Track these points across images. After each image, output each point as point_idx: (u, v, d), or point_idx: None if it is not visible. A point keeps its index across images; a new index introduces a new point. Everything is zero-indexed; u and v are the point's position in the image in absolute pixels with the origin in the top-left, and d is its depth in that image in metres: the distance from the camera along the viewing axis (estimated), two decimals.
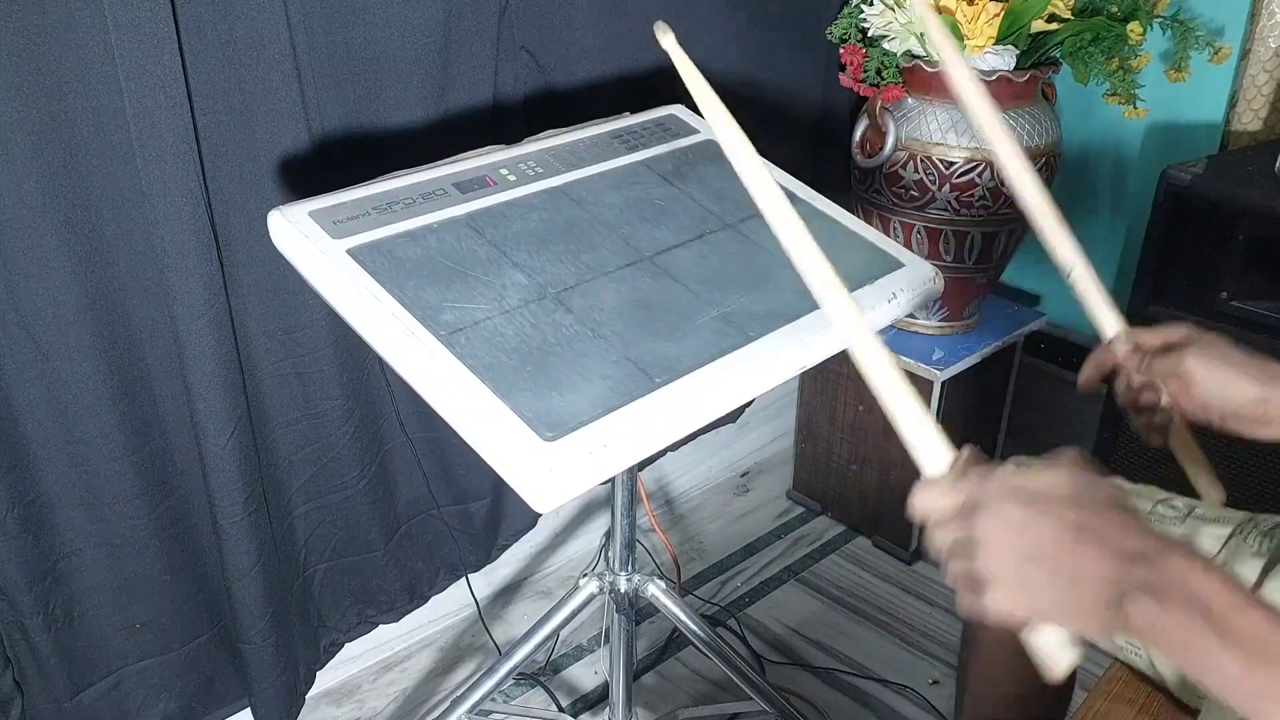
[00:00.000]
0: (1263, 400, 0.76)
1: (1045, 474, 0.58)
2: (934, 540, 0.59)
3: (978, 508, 0.57)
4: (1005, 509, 0.57)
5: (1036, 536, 0.55)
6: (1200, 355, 0.79)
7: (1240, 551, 0.90)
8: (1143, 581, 0.53)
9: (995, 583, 0.56)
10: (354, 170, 1.08)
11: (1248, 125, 1.65)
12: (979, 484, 0.58)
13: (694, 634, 1.31)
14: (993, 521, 0.56)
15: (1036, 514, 0.56)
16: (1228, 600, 0.52)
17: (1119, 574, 0.54)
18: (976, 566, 0.56)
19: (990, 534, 0.56)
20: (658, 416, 0.84)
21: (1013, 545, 0.56)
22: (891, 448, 1.79)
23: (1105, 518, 0.56)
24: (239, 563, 1.20)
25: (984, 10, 1.47)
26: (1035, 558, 0.55)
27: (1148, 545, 0.54)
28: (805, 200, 1.16)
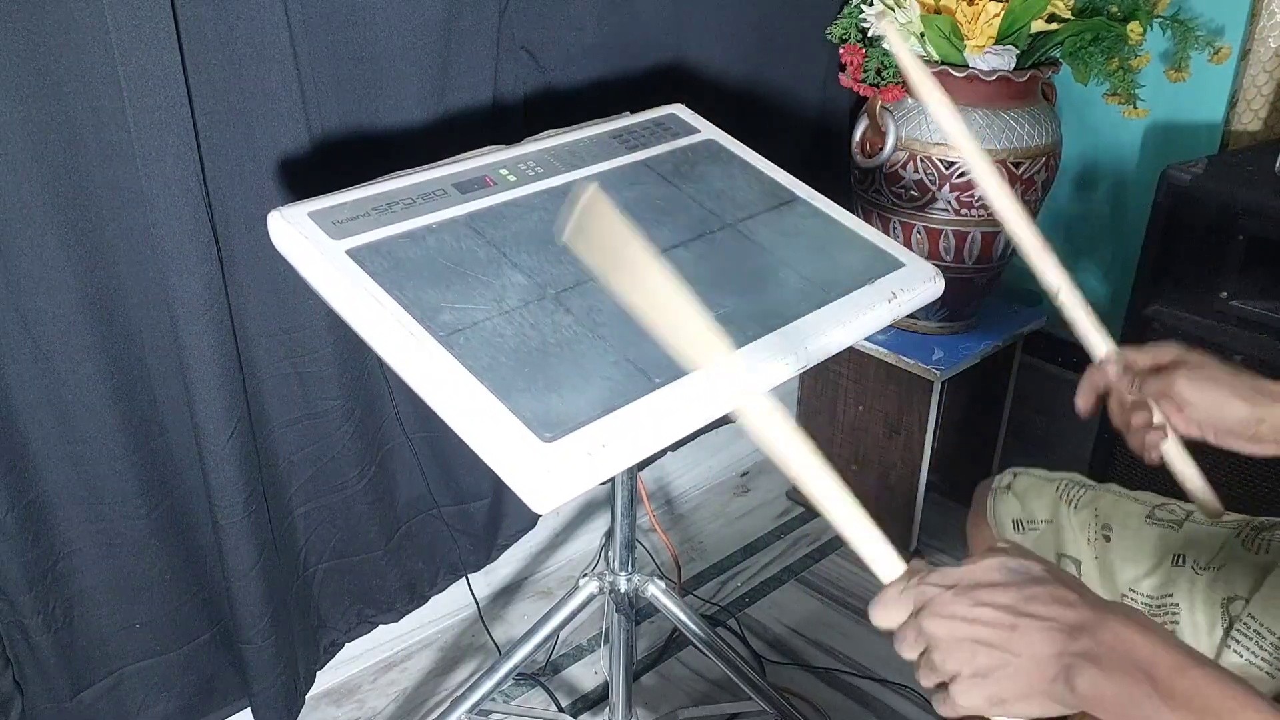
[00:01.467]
0: (1254, 420, 0.78)
1: (978, 565, 0.60)
2: (900, 651, 0.61)
3: (923, 610, 0.59)
4: (946, 606, 0.58)
5: (978, 625, 0.57)
6: (1190, 377, 0.80)
7: (1238, 555, 0.90)
8: (1085, 651, 0.54)
9: (955, 680, 0.57)
10: (354, 170, 1.08)
11: (1248, 125, 1.65)
12: (920, 588, 0.60)
13: (694, 634, 1.31)
14: (937, 620, 0.58)
15: (974, 604, 0.57)
16: (1169, 661, 0.53)
17: (1061, 647, 0.55)
18: (935, 667, 0.58)
19: (937, 632, 0.58)
20: (657, 417, 0.84)
21: (958, 638, 0.57)
22: (891, 448, 1.79)
23: (1039, 593, 0.57)
24: (239, 563, 1.20)
25: (984, 10, 1.47)
26: (981, 646, 0.56)
27: (1085, 615, 0.56)
28: (806, 200, 1.16)
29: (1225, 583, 0.89)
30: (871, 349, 1.71)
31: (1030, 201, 1.60)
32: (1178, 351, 0.82)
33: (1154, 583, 0.93)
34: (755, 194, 1.15)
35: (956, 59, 1.50)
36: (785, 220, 1.12)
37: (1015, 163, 1.53)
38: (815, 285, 1.02)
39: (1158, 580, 0.93)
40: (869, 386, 1.79)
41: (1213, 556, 0.90)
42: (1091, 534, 0.98)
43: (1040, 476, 1.05)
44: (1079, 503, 1.00)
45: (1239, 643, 0.85)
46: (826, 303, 1.00)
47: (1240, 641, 0.85)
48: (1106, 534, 0.97)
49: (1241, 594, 0.87)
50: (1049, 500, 1.02)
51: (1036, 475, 1.05)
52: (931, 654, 0.58)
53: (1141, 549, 0.95)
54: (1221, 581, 0.89)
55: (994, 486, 1.07)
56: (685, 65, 1.54)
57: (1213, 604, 0.88)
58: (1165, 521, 0.95)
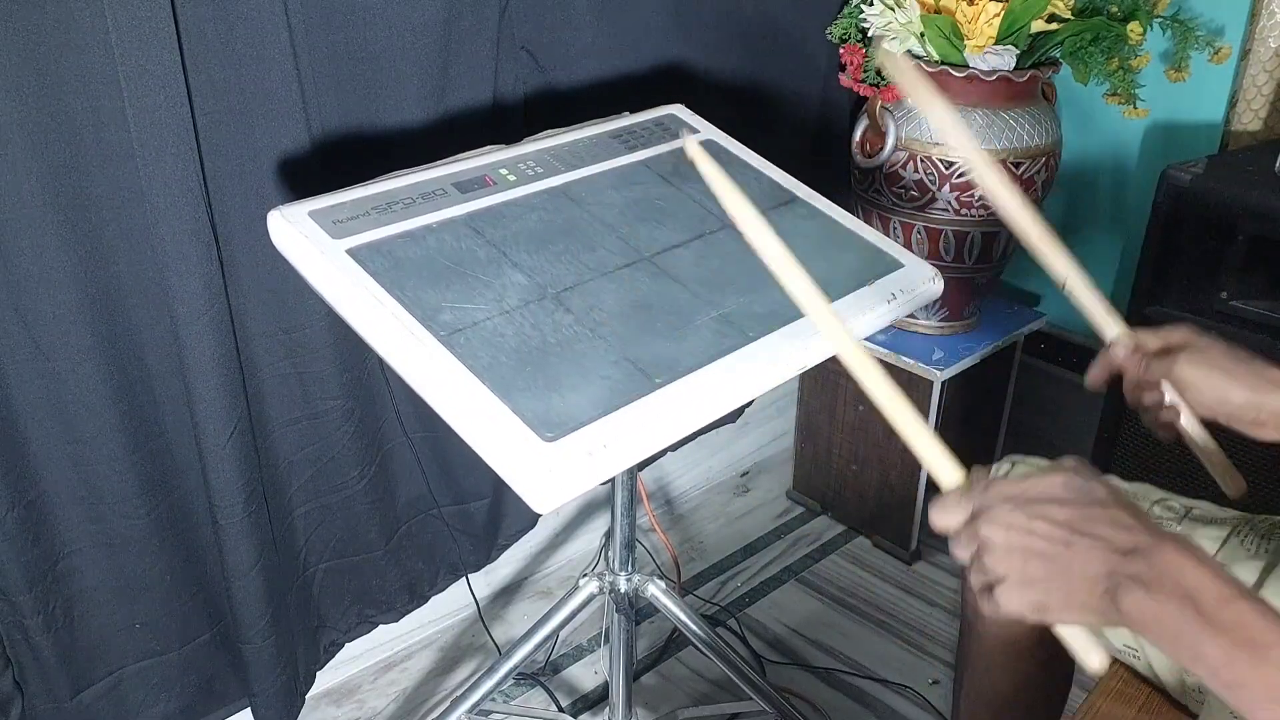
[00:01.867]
0: (1254, 405, 0.78)
1: (1041, 479, 0.61)
2: (953, 551, 0.63)
3: (981, 516, 0.61)
4: (1005, 515, 0.60)
5: (1034, 537, 0.59)
6: (1192, 361, 0.81)
7: (1237, 553, 0.90)
8: (1135, 574, 0.56)
9: (1003, 583, 0.59)
10: (354, 170, 1.08)
11: (1248, 125, 1.65)
12: (982, 495, 0.62)
13: (694, 634, 1.31)
14: (994, 527, 0.60)
15: (1033, 516, 0.59)
16: (1216, 592, 0.54)
17: (1112, 567, 0.57)
18: (985, 569, 0.60)
19: (993, 538, 0.60)
20: (658, 417, 0.84)
21: (1013, 546, 0.59)
22: (891, 448, 1.79)
23: (1099, 515, 0.59)
24: (239, 563, 1.20)
25: (984, 10, 1.47)
26: (1034, 556, 0.58)
27: (1140, 540, 0.57)
28: (805, 200, 1.16)
29: None
30: (871, 349, 1.71)
31: (1030, 201, 1.60)
32: (1186, 334, 0.83)
33: None
34: (755, 194, 1.15)
35: (956, 59, 1.50)
36: (785, 220, 1.12)
37: (1015, 163, 1.53)
38: (815, 285, 1.02)
39: None
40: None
41: (1212, 554, 0.90)
42: None
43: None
44: None
45: None
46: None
47: None
48: None
49: None
50: None
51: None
52: (983, 556, 0.60)
53: None
54: None
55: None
56: (685, 65, 1.54)
57: None
58: (1164, 517, 0.95)
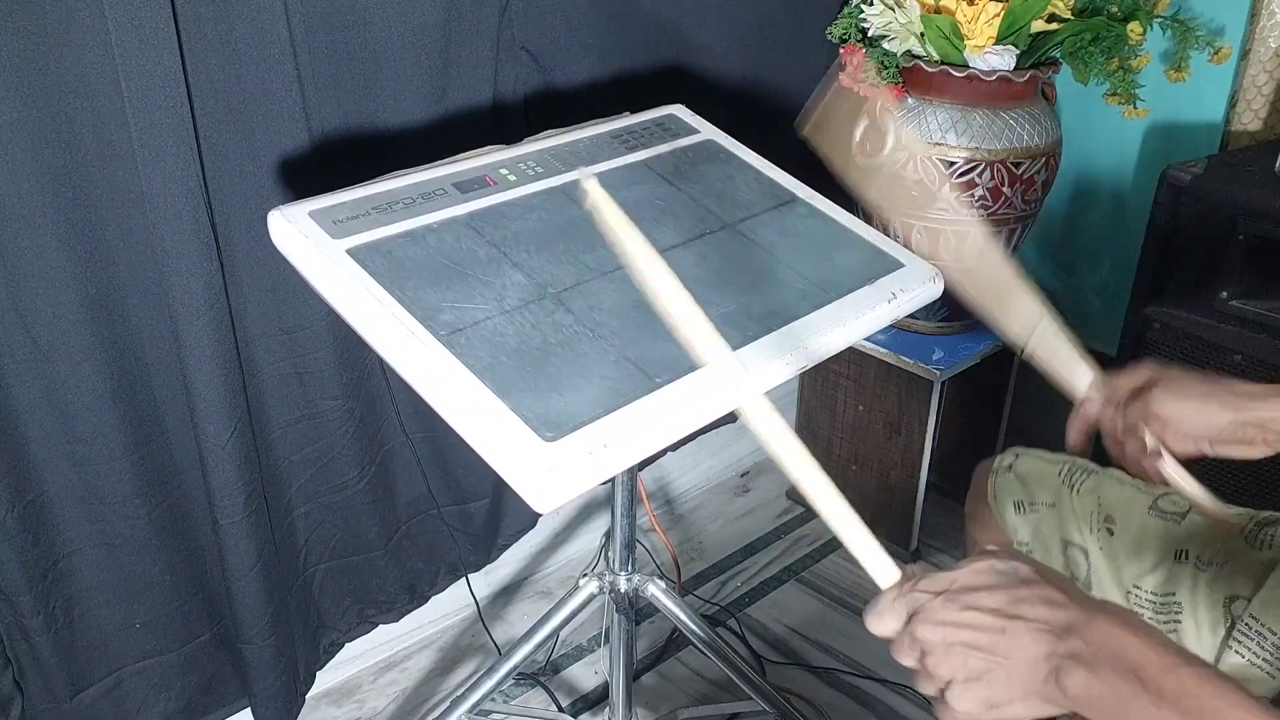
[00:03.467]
0: (1236, 424, 0.79)
1: (967, 569, 0.60)
2: (898, 658, 0.61)
3: (915, 617, 0.59)
4: (936, 612, 0.58)
5: (967, 630, 0.57)
6: (1165, 392, 0.81)
7: (1241, 552, 0.90)
8: (1073, 652, 0.55)
9: (950, 685, 0.58)
10: (354, 170, 1.08)
11: (1248, 125, 1.65)
12: (913, 594, 0.60)
13: (694, 634, 1.31)
14: (928, 626, 0.58)
15: (963, 608, 0.58)
16: (1158, 661, 0.53)
17: (1050, 648, 0.55)
18: (931, 673, 0.58)
19: (929, 638, 0.58)
20: (658, 416, 0.84)
21: (950, 643, 0.57)
22: (891, 448, 1.79)
23: (1027, 594, 0.57)
24: (239, 563, 1.20)
25: (984, 10, 1.47)
26: (972, 650, 0.57)
27: (1074, 616, 0.56)
28: (805, 200, 1.16)
29: (1227, 580, 0.89)
30: (871, 349, 1.71)
31: (1030, 202, 1.60)
32: (1152, 370, 0.84)
33: (1157, 580, 0.93)
34: (755, 194, 1.15)
35: (956, 59, 1.50)
36: (785, 220, 1.12)
37: (1015, 163, 1.53)
38: (815, 285, 1.02)
39: (1160, 577, 0.93)
40: (869, 386, 1.78)
41: (1215, 552, 0.90)
42: (1094, 524, 0.98)
43: (1043, 458, 1.05)
44: (1082, 488, 1.00)
45: (1240, 643, 0.85)
46: (826, 303, 1.00)
47: (1241, 642, 0.85)
48: (1109, 526, 0.97)
49: (1243, 593, 0.87)
50: (1051, 483, 1.02)
51: (1039, 456, 1.05)
52: (925, 660, 0.59)
53: (1144, 544, 0.95)
54: (1223, 579, 0.89)
55: (995, 467, 1.06)
56: (685, 65, 1.54)
57: (1215, 604, 0.88)
58: (1168, 514, 0.95)
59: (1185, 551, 0.92)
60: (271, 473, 1.28)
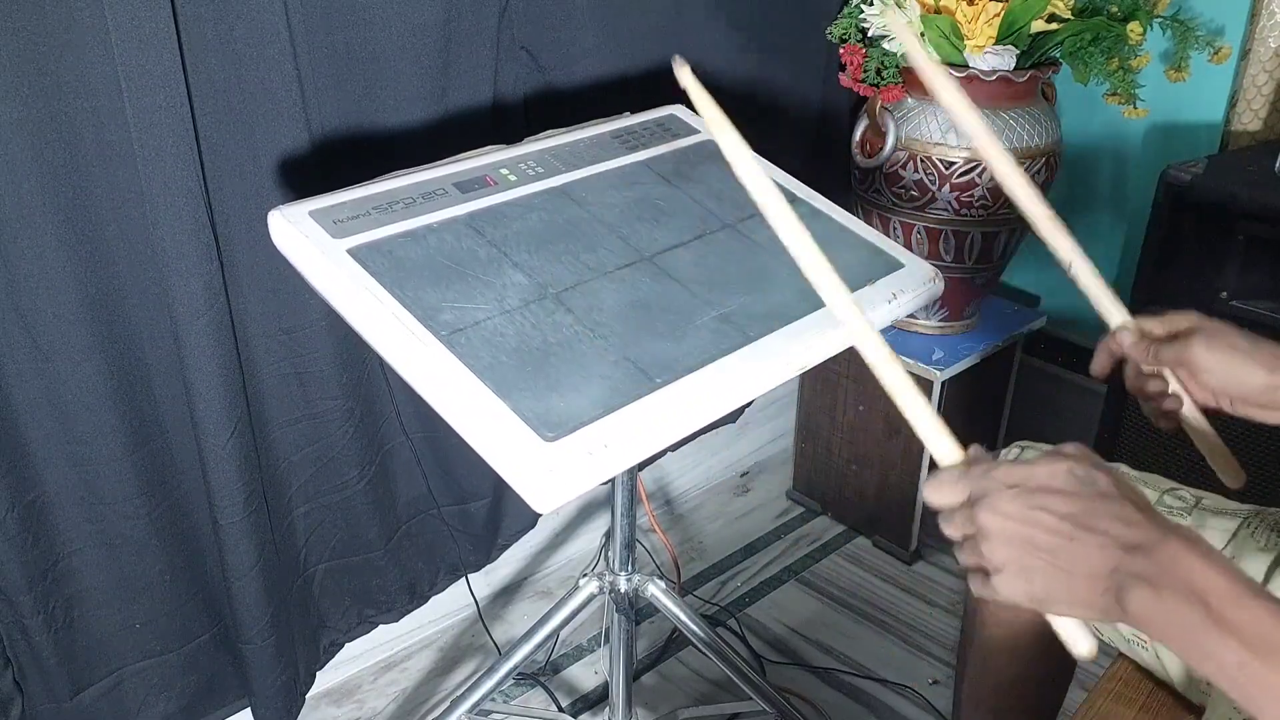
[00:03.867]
0: (1271, 388, 0.76)
1: (1045, 466, 0.59)
2: (943, 528, 0.61)
3: (980, 501, 0.59)
4: (1005, 503, 0.58)
5: (1034, 529, 0.57)
6: (1207, 343, 0.78)
7: (1247, 545, 0.89)
8: (1140, 571, 0.54)
9: (999, 572, 0.57)
10: (354, 170, 1.08)
11: (1248, 125, 1.65)
12: (982, 478, 0.60)
13: (694, 634, 1.31)
14: (993, 515, 0.58)
15: (1034, 508, 0.57)
16: (1226, 590, 0.52)
17: (1116, 564, 0.55)
18: (981, 554, 0.58)
19: (991, 526, 0.58)
20: (658, 417, 0.84)
21: (1013, 537, 0.57)
22: (891, 448, 1.79)
23: (1103, 508, 0.56)
24: (239, 563, 1.20)
25: (984, 10, 1.47)
26: (1034, 549, 0.56)
27: (1146, 535, 0.55)
28: (805, 200, 1.16)
29: None
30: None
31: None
32: (1195, 318, 0.81)
33: None
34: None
35: (956, 59, 1.50)
36: None
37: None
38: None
39: None
40: (869, 386, 1.78)
41: (1222, 547, 0.90)
42: None
43: (1046, 450, 1.04)
44: None
45: None
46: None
47: None
48: None
49: None
50: None
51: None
52: (979, 542, 0.58)
53: None
54: None
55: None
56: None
57: None
58: (1174, 509, 0.95)
59: None
60: (271, 473, 1.28)
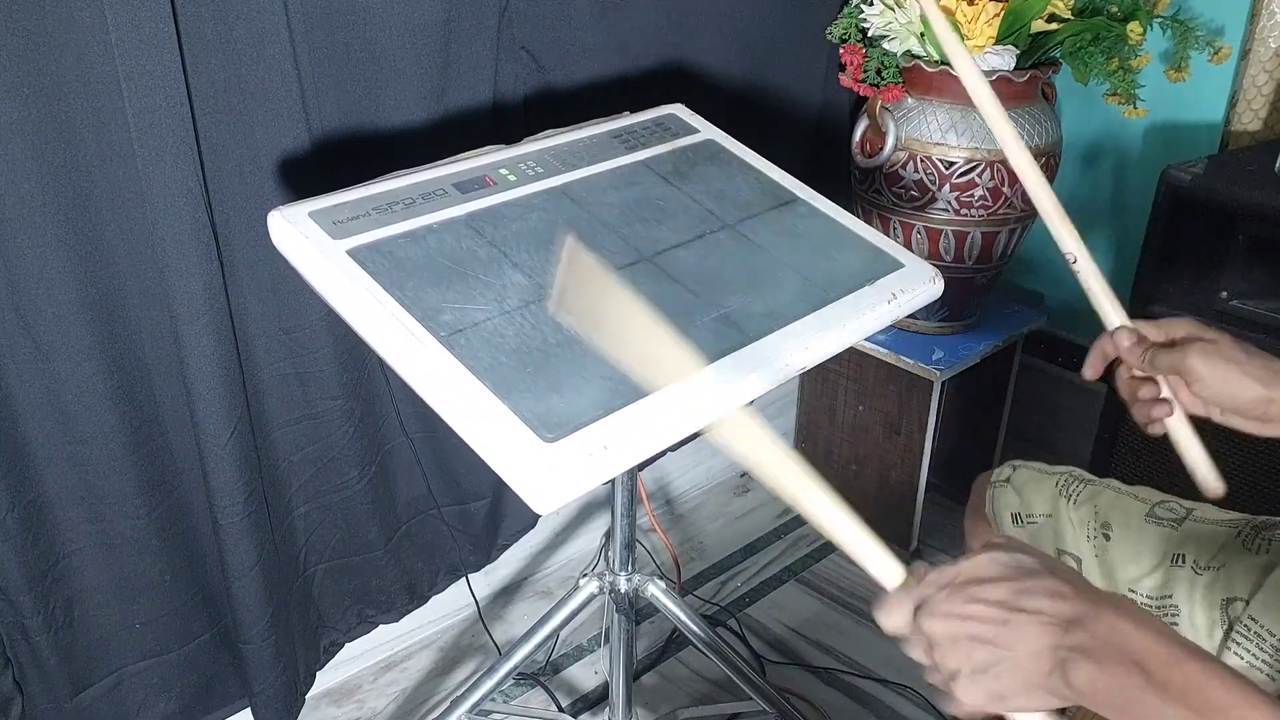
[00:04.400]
0: (1266, 400, 0.76)
1: (971, 561, 0.60)
2: (910, 654, 0.61)
3: (921, 610, 0.59)
4: (941, 604, 0.59)
5: (972, 622, 0.57)
6: (1203, 353, 0.78)
7: (1238, 554, 0.90)
8: (1078, 645, 0.54)
9: (955, 679, 0.57)
10: (354, 170, 1.08)
11: (1248, 125, 1.65)
12: (920, 589, 0.60)
13: (694, 634, 1.31)
14: (934, 619, 0.58)
15: (968, 600, 0.58)
16: (1163, 655, 0.53)
17: (1055, 641, 0.55)
18: (938, 666, 0.58)
19: (935, 630, 0.58)
20: (658, 417, 0.84)
21: (955, 635, 0.57)
22: (891, 448, 1.79)
23: (1032, 586, 0.57)
24: (239, 563, 1.20)
25: (984, 10, 1.47)
26: (977, 642, 0.57)
27: (1079, 609, 0.55)
28: (805, 200, 1.16)
29: (1225, 583, 0.89)
30: (871, 349, 1.71)
31: (1030, 202, 1.60)
32: (1192, 327, 0.81)
33: (1154, 583, 0.93)
34: (755, 194, 1.15)
35: None
36: (785, 220, 1.12)
37: None
38: (815, 285, 1.02)
39: (1158, 580, 0.93)
40: (869, 386, 1.79)
41: (1212, 556, 0.90)
42: (1091, 531, 0.98)
43: (1040, 470, 1.05)
44: (1078, 498, 1.00)
45: (1239, 644, 0.85)
46: (826, 303, 1.00)
47: (1240, 644, 0.85)
48: (1106, 533, 0.97)
49: (1241, 595, 0.87)
50: (1048, 494, 1.02)
51: (1036, 468, 1.05)
52: (933, 653, 0.58)
53: (1141, 548, 0.95)
54: (1221, 582, 0.89)
55: (993, 479, 1.07)
56: (685, 65, 1.54)
57: (1212, 605, 0.88)
58: (1165, 520, 0.95)
59: (1182, 555, 0.92)
60: (271, 473, 1.28)
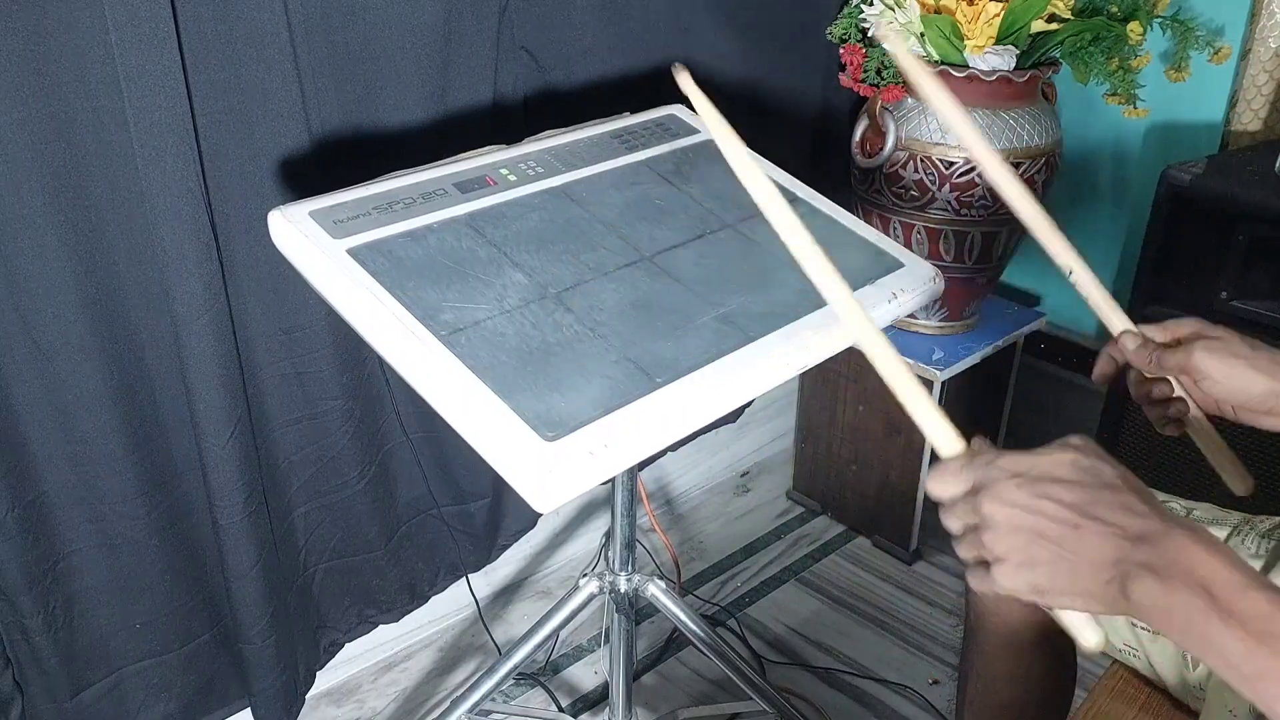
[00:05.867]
0: (1274, 394, 0.76)
1: (1049, 457, 0.59)
2: (945, 521, 0.60)
3: (983, 491, 0.59)
4: (1009, 492, 0.58)
5: (1039, 517, 0.56)
6: (1209, 350, 0.78)
7: (1238, 553, 0.89)
8: (1144, 562, 0.54)
9: (1001, 562, 0.57)
10: (354, 170, 1.08)
11: (1248, 125, 1.65)
12: (985, 468, 0.60)
13: (694, 634, 1.31)
14: (997, 504, 0.58)
15: (1038, 496, 0.57)
16: (1230, 580, 0.52)
17: (1121, 554, 0.54)
18: (983, 545, 0.58)
19: (995, 515, 0.57)
20: (658, 416, 0.84)
21: (1017, 526, 0.57)
22: (891, 448, 1.79)
23: (1108, 498, 0.56)
24: (239, 563, 1.20)
25: (984, 10, 1.47)
26: (1039, 538, 0.56)
27: (1151, 525, 0.55)
28: (805, 200, 1.16)
29: None
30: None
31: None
32: (1197, 325, 0.81)
33: None
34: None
35: (956, 59, 1.50)
36: None
37: (1015, 163, 1.53)
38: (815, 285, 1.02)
39: None
40: (869, 386, 1.78)
41: None
42: None
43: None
44: None
45: None
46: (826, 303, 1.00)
47: None
48: None
49: None
50: None
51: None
52: (981, 532, 0.58)
53: None
54: None
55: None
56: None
57: None
58: None
59: None
60: (271, 473, 1.28)
